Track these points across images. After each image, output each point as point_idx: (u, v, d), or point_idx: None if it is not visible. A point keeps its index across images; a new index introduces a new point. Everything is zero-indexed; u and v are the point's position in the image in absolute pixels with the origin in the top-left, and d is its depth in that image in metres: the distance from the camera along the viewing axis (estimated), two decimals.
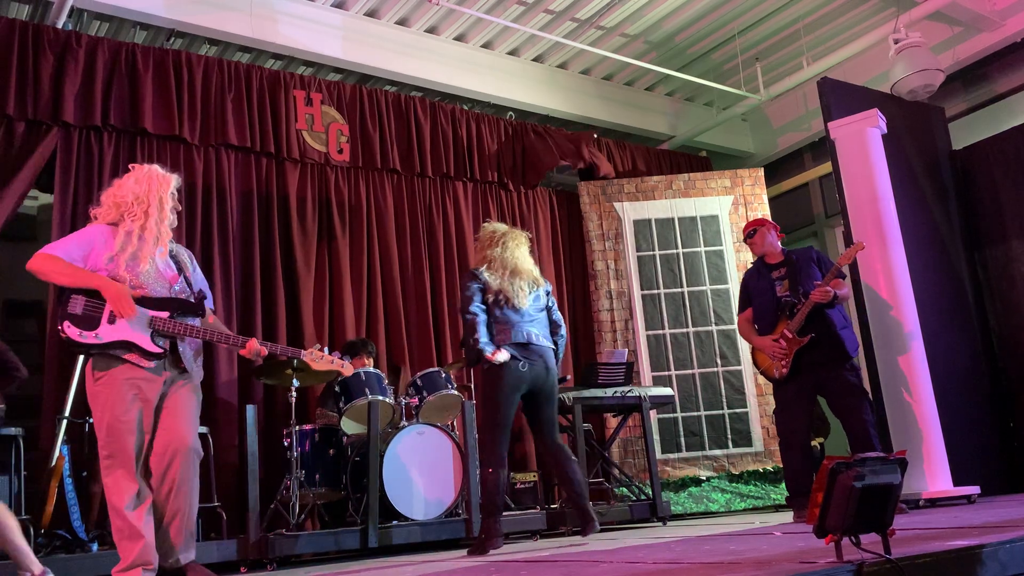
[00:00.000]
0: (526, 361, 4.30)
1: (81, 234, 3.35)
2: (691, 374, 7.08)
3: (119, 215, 3.36)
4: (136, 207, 3.35)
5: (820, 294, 4.53)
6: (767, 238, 4.90)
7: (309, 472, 5.01)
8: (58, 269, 3.23)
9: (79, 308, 3.22)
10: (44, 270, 3.24)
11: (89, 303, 3.24)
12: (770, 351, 4.68)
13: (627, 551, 3.38)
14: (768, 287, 4.81)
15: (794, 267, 4.76)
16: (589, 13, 6.85)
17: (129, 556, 3.15)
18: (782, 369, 4.64)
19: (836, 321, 4.61)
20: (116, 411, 3.21)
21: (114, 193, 3.41)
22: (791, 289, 4.69)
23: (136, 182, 3.40)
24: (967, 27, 6.83)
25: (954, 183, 6.49)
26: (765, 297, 4.81)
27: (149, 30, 6.05)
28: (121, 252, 3.28)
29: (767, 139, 8.66)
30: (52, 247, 3.28)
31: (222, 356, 5.62)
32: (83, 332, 3.20)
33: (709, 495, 6.80)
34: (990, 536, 2.28)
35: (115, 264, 3.27)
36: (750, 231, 4.96)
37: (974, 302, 6.32)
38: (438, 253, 6.90)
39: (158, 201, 3.38)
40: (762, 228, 4.93)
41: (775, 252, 4.90)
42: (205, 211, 5.86)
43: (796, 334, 4.58)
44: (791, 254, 4.87)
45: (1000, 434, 6.07)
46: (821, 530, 1.99)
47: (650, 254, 7.34)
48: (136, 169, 3.47)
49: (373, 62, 6.61)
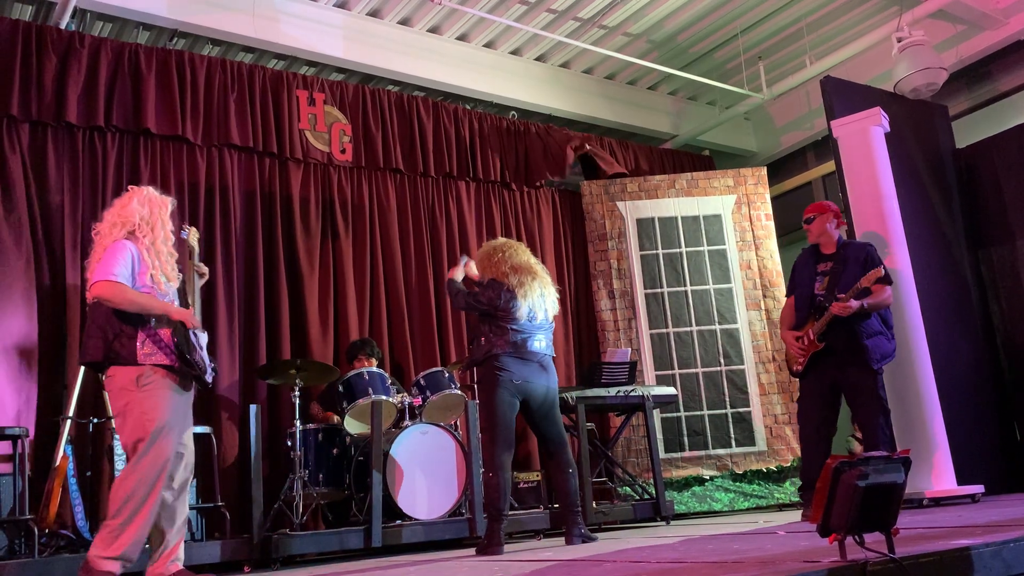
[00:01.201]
0: (524, 372, 4.29)
1: (122, 252, 3.34)
2: (694, 373, 7.08)
3: (127, 234, 3.41)
4: (145, 227, 3.42)
5: (838, 308, 4.37)
6: (825, 226, 4.71)
7: (312, 472, 5.02)
8: (128, 297, 3.26)
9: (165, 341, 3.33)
10: (116, 298, 3.25)
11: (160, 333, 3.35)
12: (789, 349, 4.65)
13: (630, 551, 3.38)
14: (809, 279, 4.68)
15: (840, 265, 4.59)
16: (591, 12, 6.84)
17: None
18: (798, 366, 4.60)
19: (866, 329, 4.45)
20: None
21: (119, 213, 3.46)
22: (828, 288, 4.55)
23: (140, 204, 3.47)
24: (970, 25, 6.82)
25: (957, 182, 6.47)
26: (804, 290, 4.68)
27: (152, 30, 6.06)
28: (154, 270, 3.36)
29: (770, 138, 8.65)
30: (109, 271, 3.26)
31: (224, 356, 5.62)
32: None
33: (712, 494, 6.79)
34: (994, 535, 2.27)
35: (156, 282, 3.35)
36: (808, 217, 4.78)
37: (978, 301, 6.31)
38: (441, 252, 6.90)
39: (161, 222, 3.47)
40: (822, 216, 4.73)
41: (831, 242, 4.70)
42: (208, 211, 5.86)
43: (816, 338, 4.49)
44: (846, 248, 4.67)
45: (1004, 433, 6.06)
46: (825, 529, 1.99)
47: (653, 253, 7.34)
48: (135, 191, 3.53)
49: (375, 62, 6.62)
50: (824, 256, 4.71)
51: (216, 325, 5.61)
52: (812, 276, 4.68)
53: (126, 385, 3.24)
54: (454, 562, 3.67)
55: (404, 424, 5.22)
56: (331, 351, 6.12)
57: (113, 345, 3.25)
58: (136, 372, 3.23)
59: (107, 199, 5.45)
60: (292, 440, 4.99)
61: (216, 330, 5.62)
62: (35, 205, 5.27)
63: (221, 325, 5.65)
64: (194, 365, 3.28)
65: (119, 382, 3.26)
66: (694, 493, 6.78)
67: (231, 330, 5.71)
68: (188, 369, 3.30)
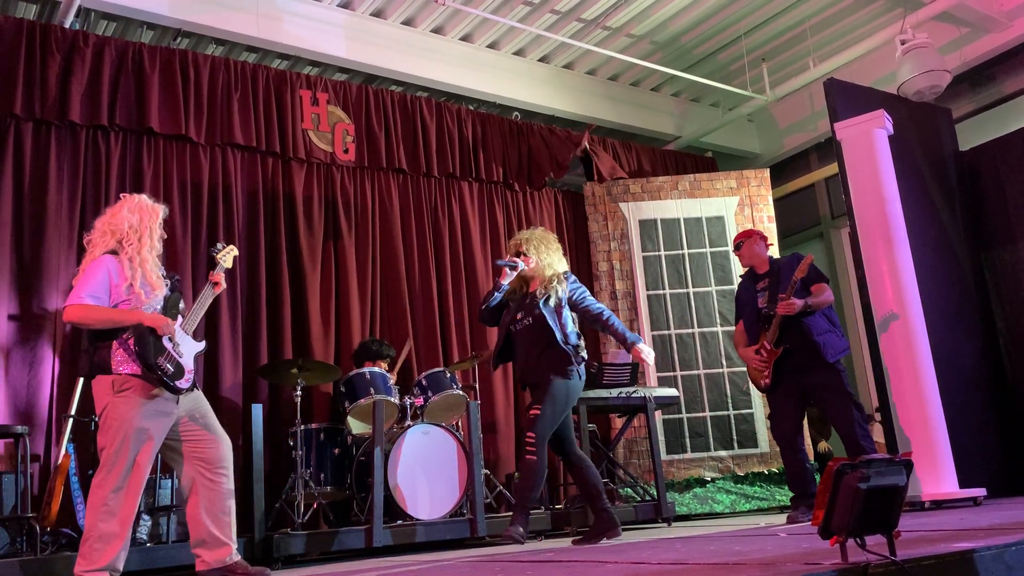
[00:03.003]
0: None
1: (96, 272, 3.41)
2: (696, 375, 7.07)
3: (115, 243, 3.48)
4: (132, 236, 3.48)
5: (783, 307, 4.67)
6: (754, 249, 5.04)
7: (314, 471, 5.02)
8: (96, 316, 3.34)
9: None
10: (85, 319, 3.35)
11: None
12: (751, 363, 4.86)
13: (632, 551, 3.37)
14: (752, 299, 4.96)
15: (776, 277, 4.87)
16: (595, 13, 6.85)
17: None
18: (765, 380, 4.79)
19: (814, 327, 4.71)
20: None
21: (109, 221, 3.54)
22: (769, 300, 4.82)
23: (130, 211, 3.54)
24: (974, 28, 6.81)
25: (961, 184, 6.46)
26: (749, 308, 4.96)
27: (156, 30, 6.07)
28: (134, 280, 3.41)
29: (773, 140, 8.65)
30: (79, 294, 3.35)
31: (227, 357, 5.63)
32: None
33: (714, 496, 6.78)
34: (996, 538, 2.27)
35: (133, 292, 3.40)
36: (737, 243, 5.11)
37: (981, 304, 6.30)
38: (444, 253, 6.91)
39: (149, 231, 3.53)
40: (749, 240, 5.06)
41: (762, 262, 5.03)
42: (211, 210, 5.87)
43: (772, 345, 4.72)
44: (777, 263, 4.99)
45: (1007, 436, 6.04)
46: (826, 531, 1.99)
47: (655, 254, 7.33)
48: (127, 199, 3.61)
49: (379, 62, 6.62)
50: (760, 276, 5.02)
51: (219, 324, 5.62)
52: (753, 295, 4.97)
53: (102, 393, 3.35)
54: (456, 562, 3.67)
55: (406, 424, 5.22)
56: (333, 351, 6.12)
57: (94, 358, 3.38)
58: (110, 380, 3.33)
59: (110, 198, 5.48)
60: (294, 440, 5.00)
61: (219, 329, 5.63)
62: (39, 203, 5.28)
63: (224, 324, 5.66)
64: (155, 370, 3.30)
65: (98, 390, 3.37)
66: (695, 495, 6.78)
67: (233, 329, 5.72)
68: (151, 375, 3.31)
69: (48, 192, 5.32)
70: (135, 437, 3.30)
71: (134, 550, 3.97)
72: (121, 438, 3.28)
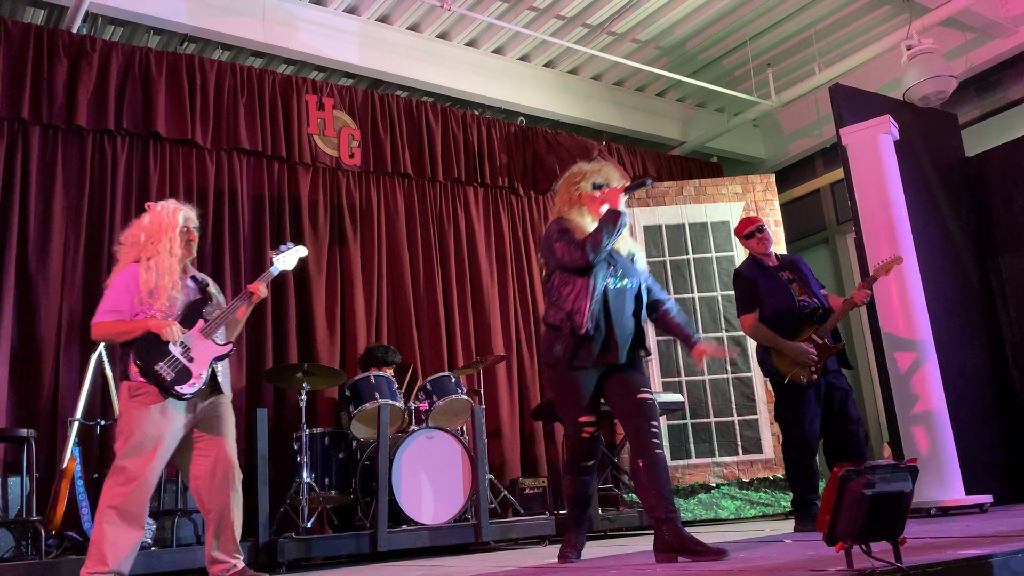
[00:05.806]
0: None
1: (117, 285, 3.50)
2: (701, 380, 7.06)
3: (137, 254, 3.54)
4: (149, 244, 3.53)
5: (863, 296, 4.59)
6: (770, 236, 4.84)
7: (318, 476, 5.02)
8: (113, 331, 3.45)
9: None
10: (105, 336, 3.49)
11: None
12: (804, 357, 4.46)
13: (636, 557, 3.37)
14: (781, 288, 4.63)
15: (795, 272, 4.70)
16: (600, 19, 6.85)
17: None
18: (812, 375, 4.47)
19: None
20: None
21: (130, 232, 3.62)
22: (806, 294, 4.60)
23: (150, 220, 3.60)
24: (980, 33, 6.80)
25: (967, 190, 6.45)
26: (780, 299, 4.60)
27: (163, 35, 6.09)
28: (151, 286, 3.46)
29: (778, 145, 8.64)
30: (101, 311, 3.45)
31: (231, 360, 5.59)
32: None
33: (719, 502, 6.77)
34: (1002, 545, 2.26)
35: (154, 298, 3.45)
36: (760, 226, 4.78)
37: (987, 310, 6.28)
38: (449, 257, 6.90)
39: (166, 235, 3.55)
40: (764, 226, 4.83)
41: (771, 254, 4.80)
42: (217, 215, 5.88)
43: (827, 340, 4.51)
44: (787, 257, 4.89)
45: (1013, 443, 6.02)
46: (831, 538, 1.98)
47: (660, 259, 7.33)
48: (151, 208, 3.66)
49: (385, 67, 6.63)
50: (774, 267, 4.74)
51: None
52: (782, 285, 4.65)
53: (122, 399, 3.45)
54: (460, 568, 3.67)
55: (410, 429, 5.22)
56: (338, 355, 6.12)
57: (123, 366, 3.50)
58: (128, 386, 3.41)
59: (116, 202, 5.50)
60: (298, 444, 4.99)
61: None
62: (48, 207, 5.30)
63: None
64: (152, 375, 3.32)
65: (121, 396, 3.46)
66: (700, 500, 6.76)
67: (238, 333, 5.71)
68: (149, 380, 3.33)
69: (55, 196, 5.34)
70: (144, 442, 3.31)
71: (140, 554, 3.96)
72: (131, 443, 3.31)
